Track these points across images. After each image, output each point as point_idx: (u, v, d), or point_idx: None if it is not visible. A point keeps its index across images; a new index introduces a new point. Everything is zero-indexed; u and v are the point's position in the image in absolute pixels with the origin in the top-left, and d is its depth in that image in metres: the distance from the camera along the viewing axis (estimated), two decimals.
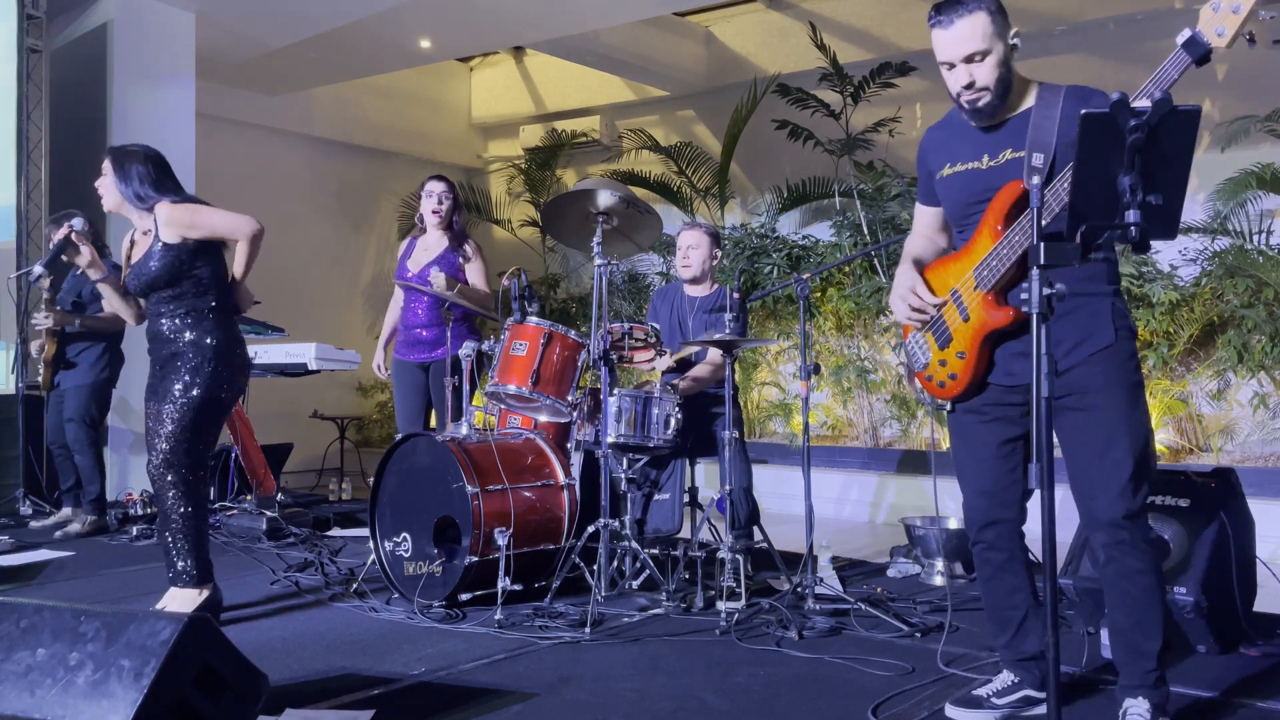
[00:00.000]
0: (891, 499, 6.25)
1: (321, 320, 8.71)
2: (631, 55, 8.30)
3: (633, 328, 3.89)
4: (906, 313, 2.51)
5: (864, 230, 6.90)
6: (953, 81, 2.35)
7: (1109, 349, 2.32)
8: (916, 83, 7.32)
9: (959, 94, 2.35)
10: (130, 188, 3.43)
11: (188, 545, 3.35)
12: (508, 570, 3.44)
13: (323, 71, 8.36)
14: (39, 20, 6.54)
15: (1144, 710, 2.28)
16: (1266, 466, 5.47)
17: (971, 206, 2.42)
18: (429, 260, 4.60)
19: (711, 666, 2.97)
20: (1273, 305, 5.46)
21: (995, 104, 2.33)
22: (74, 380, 5.43)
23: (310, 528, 5.32)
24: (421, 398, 4.68)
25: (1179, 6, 6.45)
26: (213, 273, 3.44)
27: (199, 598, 3.36)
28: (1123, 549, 2.29)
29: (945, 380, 2.48)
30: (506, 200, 9.89)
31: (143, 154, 3.48)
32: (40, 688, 2.01)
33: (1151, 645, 2.31)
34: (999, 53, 2.29)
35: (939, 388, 2.52)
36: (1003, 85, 2.31)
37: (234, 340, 3.48)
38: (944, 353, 2.46)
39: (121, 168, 3.44)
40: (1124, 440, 2.28)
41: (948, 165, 2.48)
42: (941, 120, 2.56)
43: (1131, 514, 2.27)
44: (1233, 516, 3.12)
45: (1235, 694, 2.70)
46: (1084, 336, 2.33)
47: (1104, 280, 2.36)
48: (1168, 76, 2.10)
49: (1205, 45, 2.09)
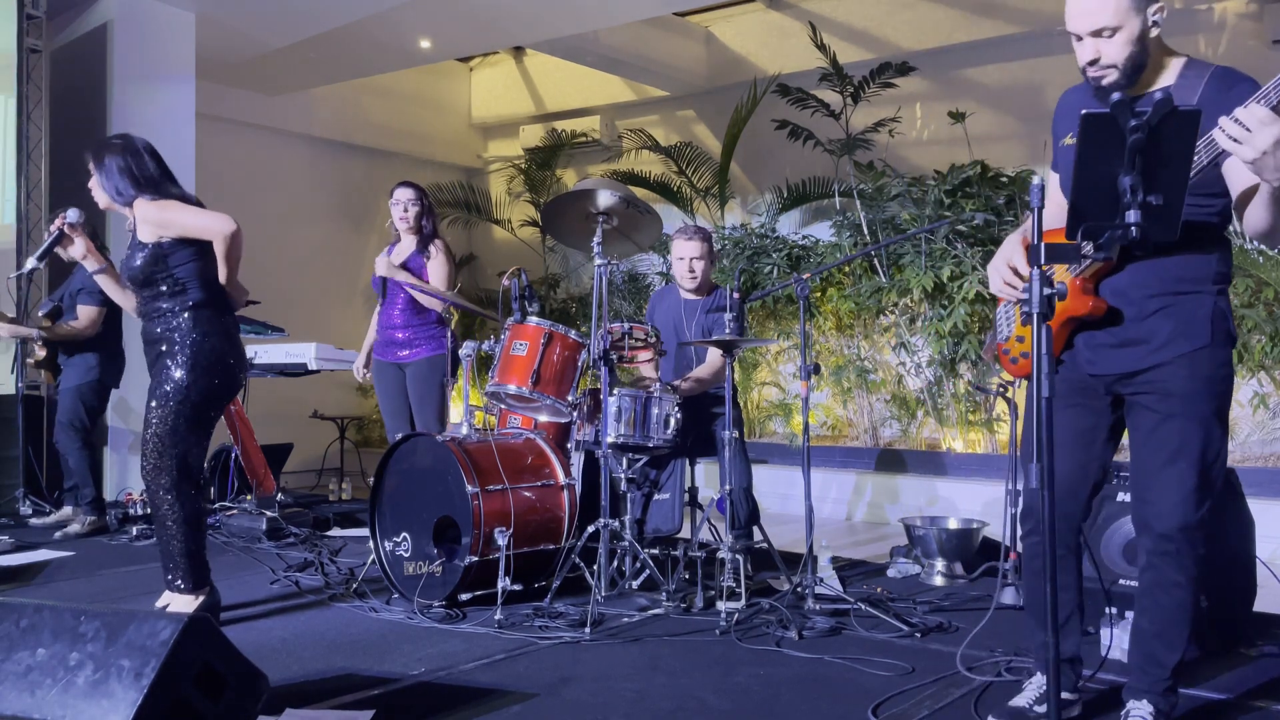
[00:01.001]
0: (891, 499, 6.25)
1: (321, 320, 8.70)
2: (631, 55, 8.30)
3: (633, 328, 3.89)
4: (999, 284, 2.42)
5: (864, 230, 6.89)
6: (1080, 54, 2.20)
7: (1200, 352, 2.21)
8: (916, 83, 7.32)
9: (1084, 68, 2.21)
10: (111, 182, 3.35)
11: (181, 551, 3.29)
12: (508, 570, 3.44)
13: (323, 71, 8.35)
14: (39, 20, 6.54)
15: (1147, 713, 2.27)
16: (1266, 466, 5.48)
17: None
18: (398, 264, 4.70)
19: (711, 666, 2.97)
20: (1273, 305, 5.46)
21: (1121, 83, 2.16)
22: (64, 383, 5.43)
23: (310, 528, 5.32)
24: (401, 397, 4.73)
25: (1179, 6, 6.44)
26: (195, 270, 3.34)
27: (195, 603, 3.33)
28: (1166, 559, 2.23)
29: (1019, 357, 2.46)
30: (506, 200, 9.89)
31: (121, 146, 3.38)
32: (40, 688, 2.01)
33: (1170, 657, 2.27)
34: (1131, 29, 2.12)
35: (1012, 363, 2.49)
36: (1133, 64, 2.15)
37: (221, 339, 3.37)
38: (1025, 329, 2.39)
39: (100, 163, 3.37)
40: (1195, 451, 2.20)
41: (1070, 134, 2.32)
42: (1080, 84, 2.35)
43: (1187, 527, 2.20)
44: (1232, 516, 3.12)
45: (1236, 694, 2.70)
46: (1176, 335, 2.21)
47: (1209, 277, 2.23)
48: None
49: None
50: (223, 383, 3.38)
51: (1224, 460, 2.27)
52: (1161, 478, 2.22)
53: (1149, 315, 2.23)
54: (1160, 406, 2.23)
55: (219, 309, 3.42)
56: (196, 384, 3.30)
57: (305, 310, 8.44)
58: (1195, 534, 2.21)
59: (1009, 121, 7.30)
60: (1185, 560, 2.22)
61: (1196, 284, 2.22)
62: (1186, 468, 2.20)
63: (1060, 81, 2.77)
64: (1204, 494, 2.21)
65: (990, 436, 6.45)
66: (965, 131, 6.86)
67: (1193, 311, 2.21)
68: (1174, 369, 2.21)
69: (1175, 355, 2.21)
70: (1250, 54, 6.23)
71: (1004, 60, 7.39)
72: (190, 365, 3.30)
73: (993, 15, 7.27)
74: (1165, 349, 2.21)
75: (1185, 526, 2.20)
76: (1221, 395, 2.24)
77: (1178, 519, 2.20)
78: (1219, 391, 2.23)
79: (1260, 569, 3.24)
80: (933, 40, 7.53)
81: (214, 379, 3.34)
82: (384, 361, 4.77)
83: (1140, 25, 2.13)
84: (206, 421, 3.38)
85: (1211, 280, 2.23)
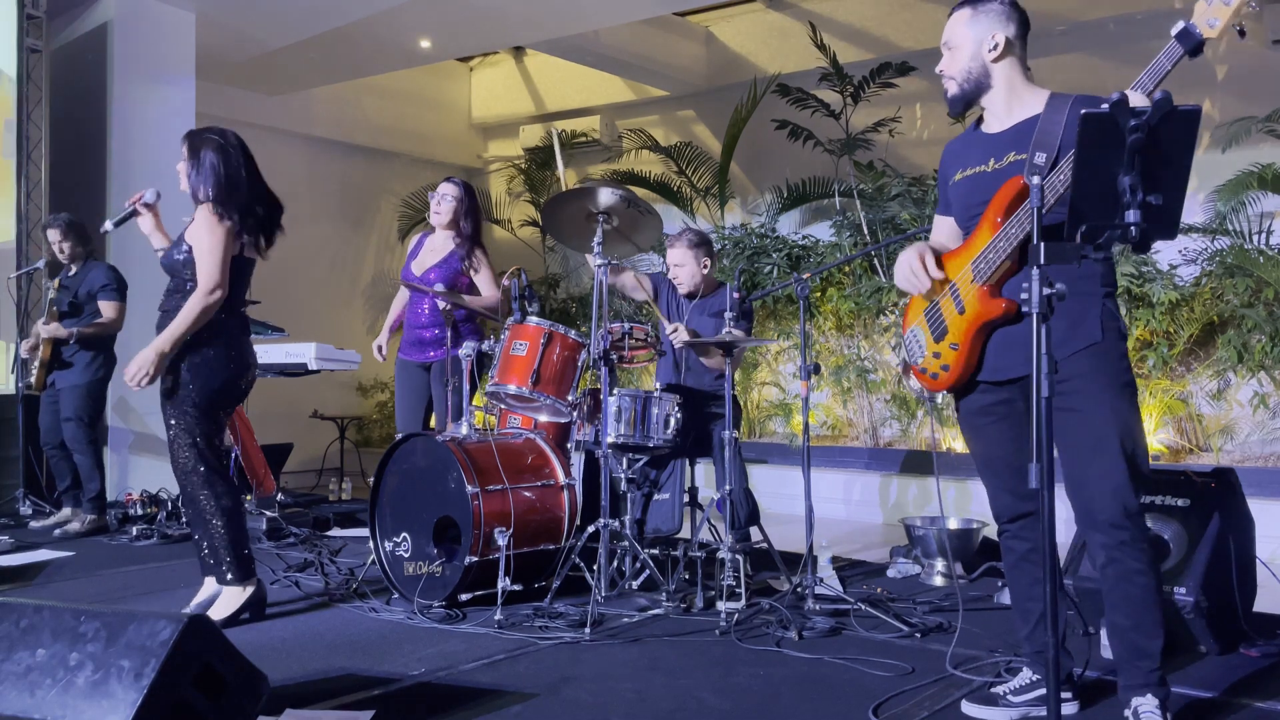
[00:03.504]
0: (891, 499, 6.25)
1: (321, 320, 8.70)
2: (631, 55, 8.30)
3: (633, 328, 3.89)
4: (905, 274, 2.53)
5: (864, 230, 6.89)
6: None
7: (1095, 347, 2.33)
8: (916, 83, 7.32)
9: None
10: (200, 177, 3.42)
11: (225, 543, 3.39)
12: (508, 570, 3.44)
13: (323, 71, 8.35)
14: (39, 20, 6.53)
15: (1154, 707, 2.29)
16: (1266, 466, 5.47)
17: (975, 207, 2.46)
18: (433, 263, 4.55)
19: (711, 666, 2.97)
20: (1273, 305, 5.46)
21: (958, 95, 2.48)
22: (70, 380, 5.44)
23: (310, 528, 5.31)
24: (422, 397, 4.64)
25: (1179, 6, 6.44)
26: None
27: (244, 594, 3.43)
28: (1123, 549, 2.30)
29: (938, 372, 2.51)
30: (506, 200, 9.89)
31: (219, 144, 3.44)
32: (40, 688, 2.01)
33: (1152, 645, 2.31)
34: (967, 49, 2.45)
35: (932, 379, 2.55)
36: (970, 80, 2.46)
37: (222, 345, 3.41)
38: (939, 345, 2.50)
39: (196, 154, 3.44)
40: (1114, 441, 2.29)
41: (959, 171, 2.55)
42: (961, 134, 2.65)
43: (1129, 513, 2.28)
44: (1232, 516, 3.12)
45: (1235, 694, 2.70)
46: (1069, 334, 2.34)
47: (1097, 281, 2.37)
48: (1161, 68, 2.16)
49: (1198, 36, 2.14)
50: (221, 388, 3.43)
51: (1144, 443, 2.38)
52: (1093, 471, 2.31)
53: None
54: (1071, 404, 2.32)
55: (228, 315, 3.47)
56: (198, 385, 3.37)
57: (305, 310, 8.44)
58: (1139, 519, 2.31)
59: None
60: (1140, 545, 2.31)
61: (1086, 287, 2.34)
62: (1113, 457, 2.29)
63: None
64: (1136, 479, 2.31)
65: None
66: None
67: (1083, 312, 2.34)
68: (1073, 367, 2.32)
69: (1071, 353, 2.32)
70: (1250, 54, 6.24)
71: None
72: (189, 366, 3.36)
73: None
74: (1061, 346, 2.31)
75: (1129, 513, 2.29)
76: (1125, 385, 2.36)
77: (1119, 507, 2.29)
78: (1122, 382, 2.35)
79: (1260, 569, 3.24)
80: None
81: (212, 383, 3.40)
82: (409, 361, 4.63)
83: (974, 47, 2.44)
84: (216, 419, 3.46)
85: (1101, 283, 2.37)
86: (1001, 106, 2.46)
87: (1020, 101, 2.44)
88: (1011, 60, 2.45)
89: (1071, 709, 2.52)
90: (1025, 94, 2.45)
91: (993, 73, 2.45)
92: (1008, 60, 2.44)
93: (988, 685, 2.65)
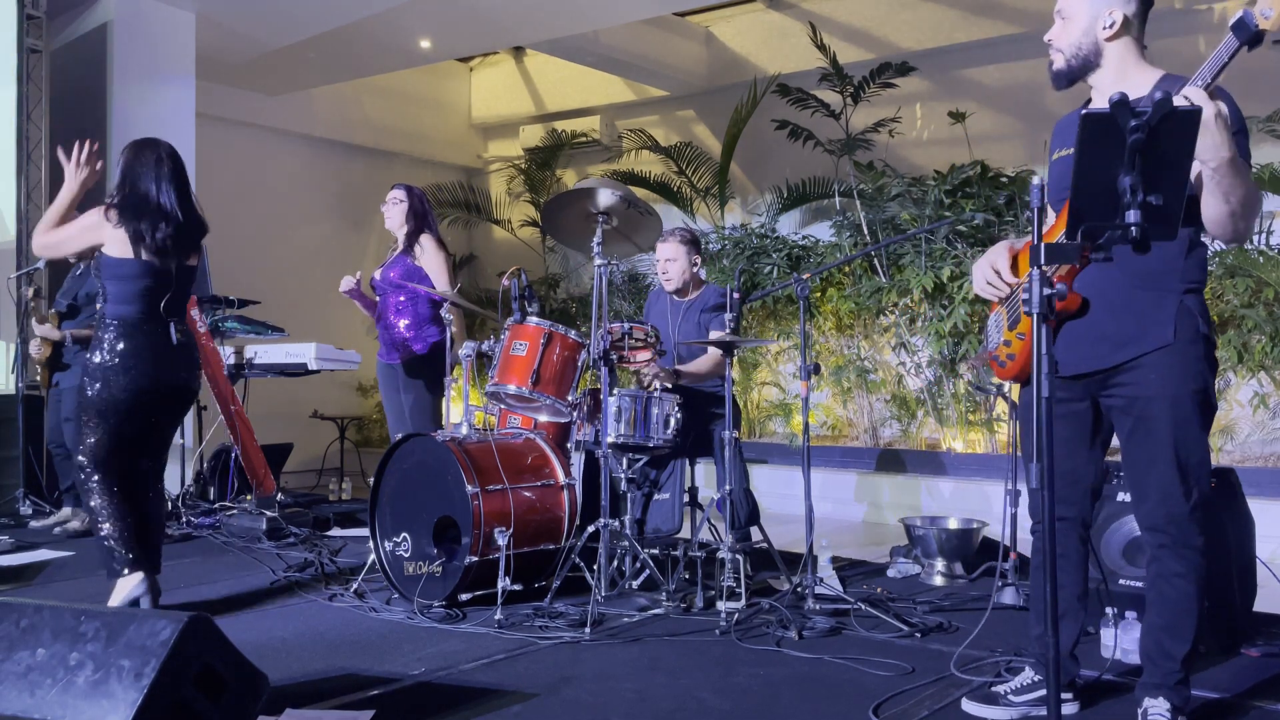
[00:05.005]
0: (891, 499, 6.24)
1: (321, 320, 8.69)
2: (631, 55, 8.30)
3: (633, 328, 3.89)
4: (981, 284, 2.50)
5: (864, 230, 6.89)
6: None
7: (1165, 350, 2.25)
8: (916, 83, 7.32)
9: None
10: None
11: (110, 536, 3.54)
12: (508, 570, 3.44)
13: (323, 71, 8.35)
14: (39, 20, 6.53)
15: (1164, 710, 2.29)
16: (1266, 466, 5.48)
17: (1063, 191, 2.32)
18: (390, 262, 4.75)
19: (711, 666, 2.97)
20: (1273, 305, 5.46)
21: (1064, 71, 2.36)
22: (71, 380, 5.43)
23: (310, 528, 5.31)
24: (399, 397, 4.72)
25: (1179, 6, 6.44)
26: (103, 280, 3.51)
27: (128, 586, 3.49)
28: (1165, 551, 2.30)
29: (1005, 360, 2.50)
30: (506, 200, 9.89)
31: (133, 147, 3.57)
32: (40, 688, 2.01)
33: (1178, 649, 2.31)
34: (1081, 21, 2.33)
35: (1000, 367, 2.54)
36: (1078, 55, 2.35)
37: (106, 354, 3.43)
38: (1010, 333, 2.48)
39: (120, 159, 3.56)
40: (1169, 453, 2.26)
41: (1057, 150, 2.46)
42: (1070, 113, 2.48)
43: (1174, 518, 2.27)
44: (1232, 516, 3.12)
45: (1235, 694, 2.70)
46: (1137, 334, 2.26)
47: (1175, 276, 2.26)
48: (1220, 60, 2.09)
49: (1253, 27, 2.05)
50: (105, 397, 3.43)
51: (1203, 453, 2.31)
52: (1148, 479, 2.30)
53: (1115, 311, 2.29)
54: (1132, 410, 2.30)
55: (143, 320, 3.49)
56: (96, 385, 3.44)
57: (305, 310, 8.43)
58: (1186, 524, 2.28)
59: (1009, 122, 7.30)
60: (1183, 550, 2.29)
61: (1162, 281, 2.26)
62: (1166, 468, 2.27)
63: None
64: (1189, 487, 2.27)
65: (990, 436, 6.45)
66: (965, 131, 6.86)
67: (1155, 310, 2.25)
68: (1140, 372, 2.27)
69: (1139, 354, 2.26)
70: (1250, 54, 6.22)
71: (1004, 60, 7.39)
72: (91, 370, 3.46)
73: (992, 15, 7.27)
74: (1128, 346, 2.27)
75: (1173, 518, 2.27)
76: (1195, 394, 2.26)
77: (1164, 512, 2.28)
78: (1192, 390, 2.26)
79: (1260, 569, 3.24)
80: (933, 40, 7.53)
81: (113, 384, 3.43)
82: (384, 363, 4.77)
83: (1088, 21, 2.32)
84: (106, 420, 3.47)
85: (1179, 278, 2.26)
86: (1109, 87, 2.27)
87: (1128, 83, 2.26)
88: (1127, 41, 2.32)
89: (1072, 709, 2.52)
90: (1136, 75, 2.31)
91: (1104, 51, 2.32)
92: (1123, 40, 2.32)
93: (988, 684, 2.66)
